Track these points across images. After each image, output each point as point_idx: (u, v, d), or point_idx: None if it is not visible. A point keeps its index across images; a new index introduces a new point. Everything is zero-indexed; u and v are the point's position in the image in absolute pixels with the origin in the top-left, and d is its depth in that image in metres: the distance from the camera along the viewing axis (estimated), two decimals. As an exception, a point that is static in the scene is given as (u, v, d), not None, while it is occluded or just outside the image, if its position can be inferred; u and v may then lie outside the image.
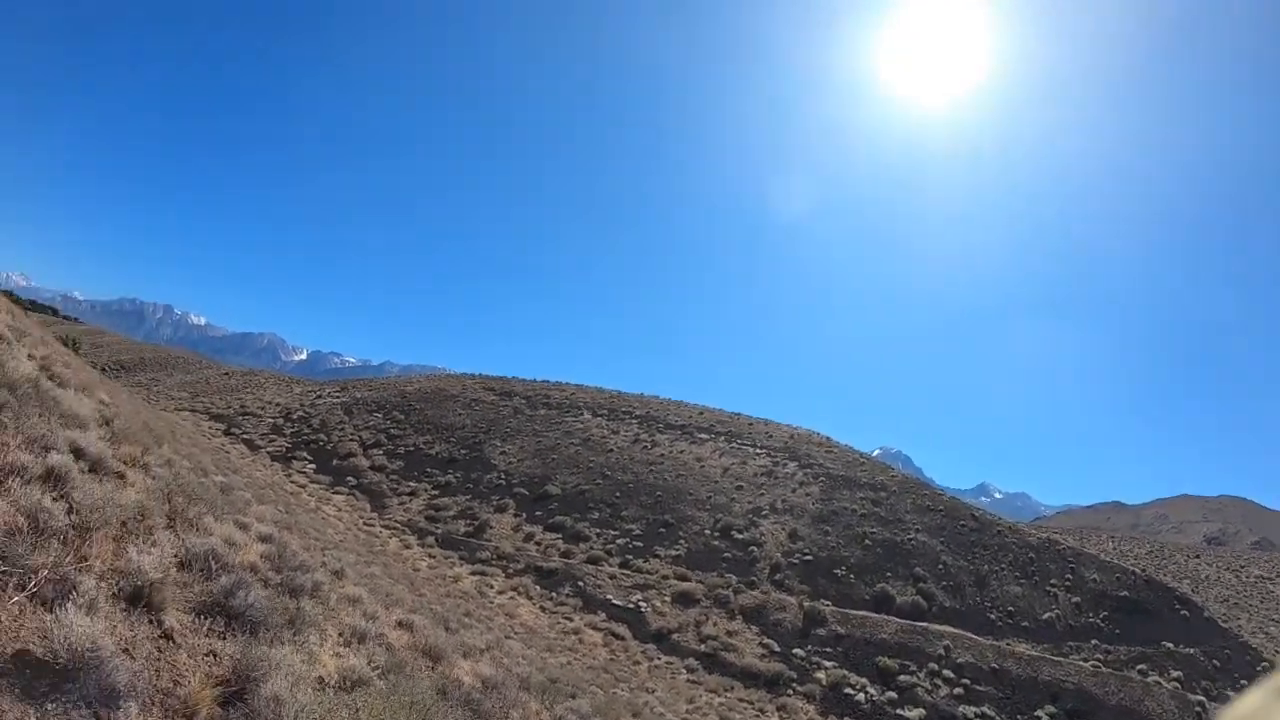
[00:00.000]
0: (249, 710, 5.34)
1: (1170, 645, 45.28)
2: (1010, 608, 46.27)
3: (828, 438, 71.44)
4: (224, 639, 6.37)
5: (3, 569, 4.78)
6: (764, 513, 51.35)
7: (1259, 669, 46.10)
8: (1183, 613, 50.09)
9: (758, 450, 63.13)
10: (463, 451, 58.12)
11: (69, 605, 4.75)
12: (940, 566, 48.33)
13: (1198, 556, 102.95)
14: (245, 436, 58.42)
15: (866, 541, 49.21)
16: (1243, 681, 43.59)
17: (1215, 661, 45.66)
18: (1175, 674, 42.73)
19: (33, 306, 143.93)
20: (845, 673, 36.08)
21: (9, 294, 62.28)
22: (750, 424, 71.75)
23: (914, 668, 37.15)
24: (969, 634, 41.23)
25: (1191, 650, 45.53)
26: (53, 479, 6.66)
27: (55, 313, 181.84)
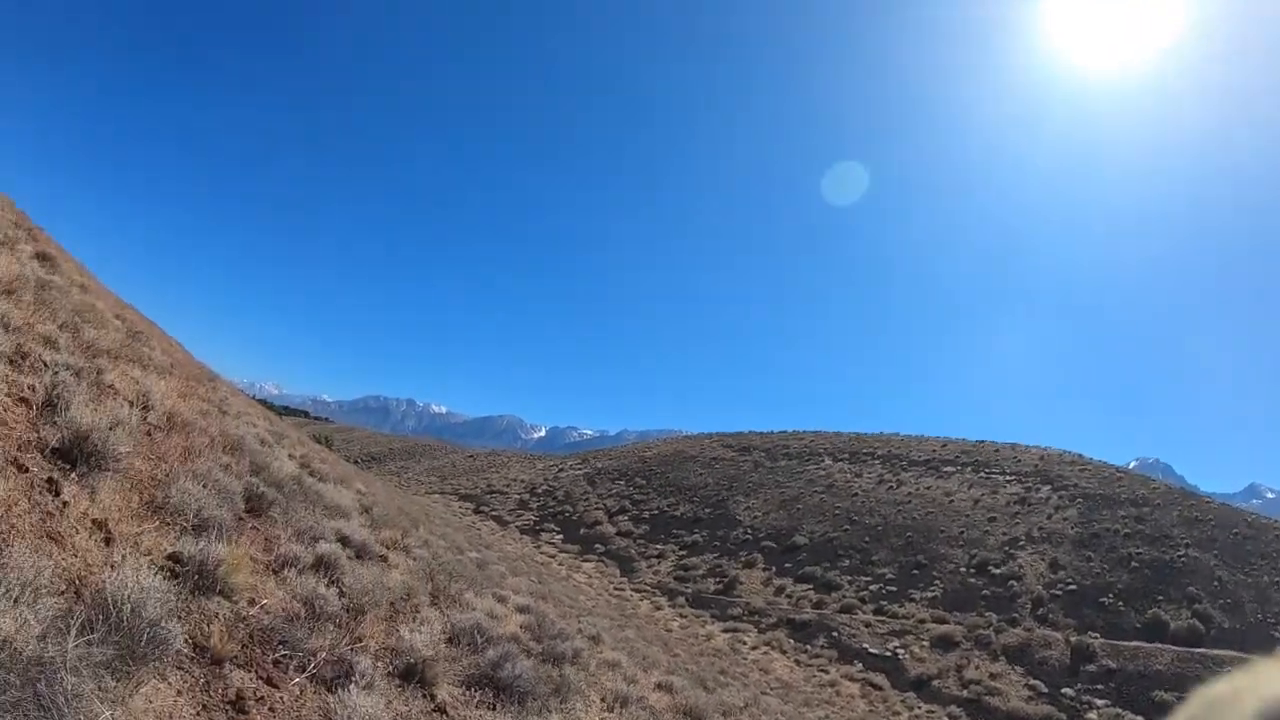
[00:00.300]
0: (524, 781, 5.32)
1: None
2: (1301, 622, 40.80)
3: (1080, 455, 66.88)
4: (494, 710, 6.45)
5: (284, 653, 4.99)
6: (1020, 543, 48.41)
7: None
8: None
9: (1007, 477, 59.87)
10: (707, 510, 58.35)
11: (350, 685, 4.89)
12: (1215, 584, 43.75)
13: None
14: (494, 513, 61.08)
15: (1133, 564, 45.36)
16: None
17: None
18: None
19: (286, 411, 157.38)
20: (1119, 710, 33.04)
21: (264, 402, 68.30)
22: (996, 450, 68.28)
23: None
24: (1253, 657, 36.52)
25: None
26: (323, 566, 7.02)
27: (307, 415, 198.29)
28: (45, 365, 6.91)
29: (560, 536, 55.78)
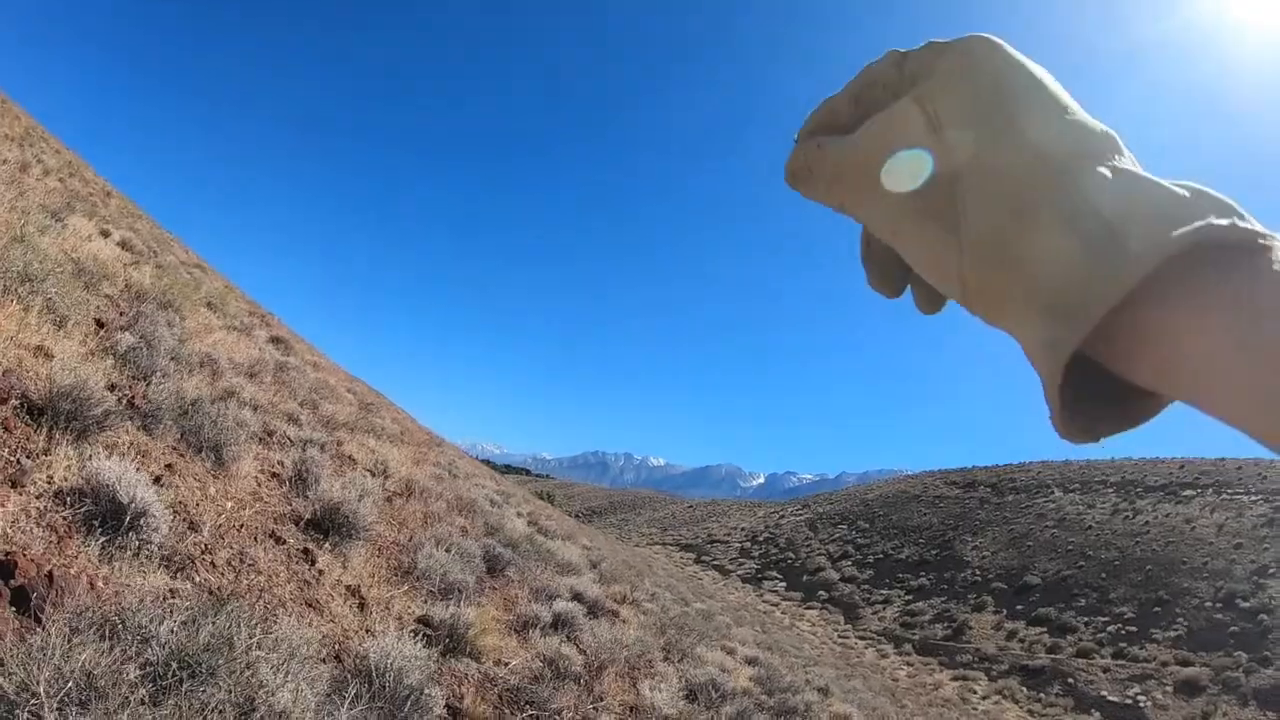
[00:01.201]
0: None
1: None
2: None
3: (1340, 459, 59.57)
4: (737, 769, 6.25)
5: (532, 713, 5.02)
6: (1271, 570, 43.75)
7: None
8: None
9: (1253, 497, 54.44)
10: (933, 552, 56.40)
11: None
12: None
13: None
14: (715, 562, 61.12)
15: (1407, 583, 39.85)
16: None
17: None
18: None
19: (508, 469, 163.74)
20: None
21: (488, 462, 71.32)
22: (1239, 467, 62.40)
23: None
24: None
25: None
26: (561, 624, 7.08)
27: (528, 472, 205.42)
28: (291, 441, 7.37)
29: (783, 584, 55.20)
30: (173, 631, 2.94)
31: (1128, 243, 0.55)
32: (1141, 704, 34.46)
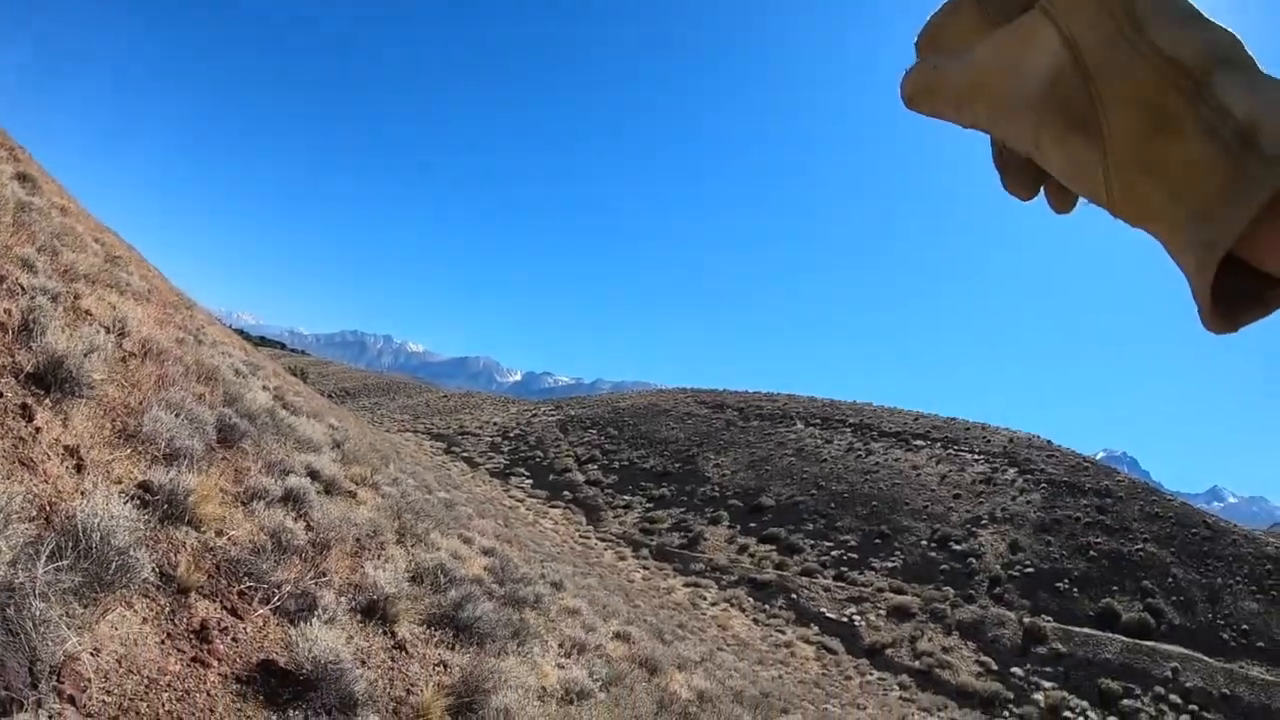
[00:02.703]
0: (477, 719, 5.47)
1: None
2: (1244, 626, 42.19)
3: (1049, 441, 67.71)
4: (453, 650, 6.58)
5: (250, 584, 5.08)
6: (983, 522, 49.25)
7: None
8: None
9: (975, 456, 60.64)
10: (676, 465, 58.78)
11: (313, 619, 4.99)
12: (1170, 580, 44.90)
13: None
14: (465, 454, 61.30)
15: (1091, 553, 46.31)
16: None
17: None
18: None
19: (262, 342, 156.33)
20: (1065, 695, 34.03)
21: (241, 331, 67.86)
22: (967, 429, 69.03)
23: (1138, 691, 34.57)
24: (1199, 655, 37.88)
25: None
26: (292, 500, 7.09)
27: (283, 347, 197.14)
28: (22, 289, 6.88)
29: (530, 482, 56.11)
30: None
31: (1262, 146, 0.58)
32: (856, 623, 37.80)
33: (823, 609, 38.66)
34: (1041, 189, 0.78)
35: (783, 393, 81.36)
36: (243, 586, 5.06)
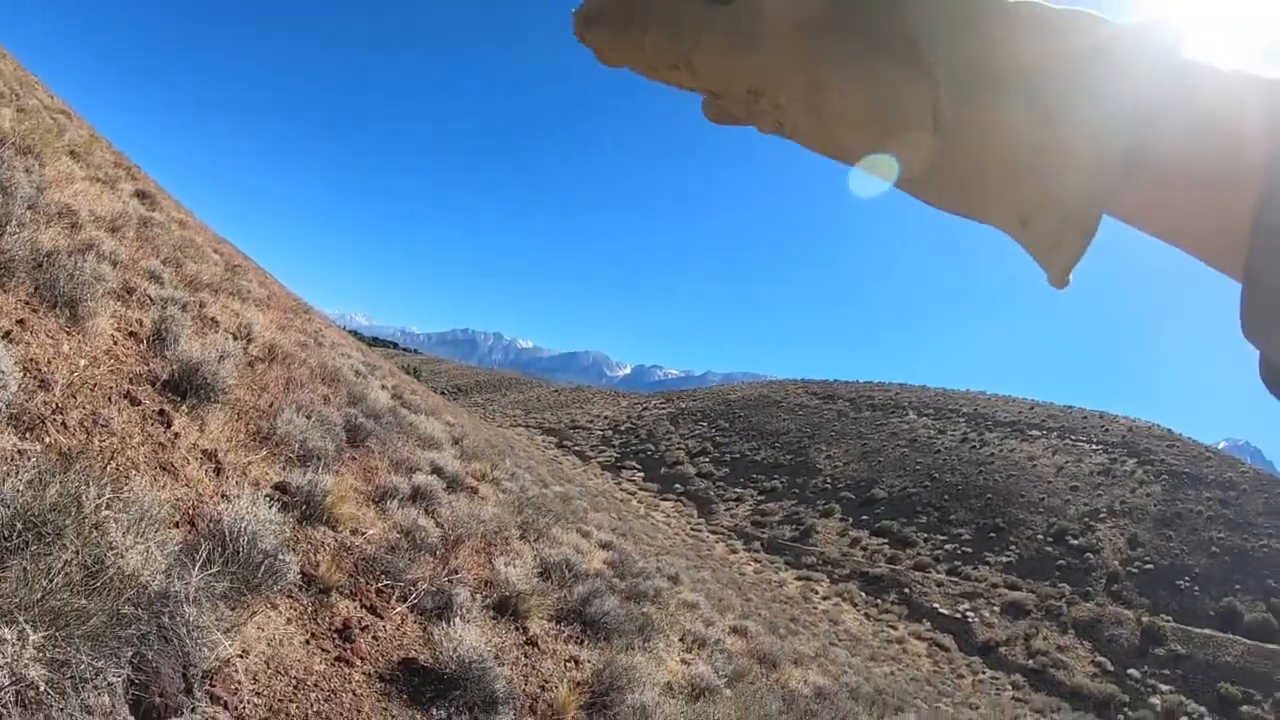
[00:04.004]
0: (612, 717, 5.41)
1: None
2: (1372, 630, 38.87)
3: (1169, 430, 64.80)
4: (582, 645, 6.56)
5: (387, 583, 5.12)
6: (1101, 515, 47.43)
7: None
8: None
9: (1093, 446, 58.49)
10: (788, 457, 58.30)
11: (452, 617, 5.00)
12: (1295, 579, 41.83)
13: None
14: (576, 448, 62.01)
15: (1213, 549, 44.09)
16: None
17: None
18: None
19: (375, 342, 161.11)
20: (1182, 699, 32.49)
21: (354, 333, 69.89)
22: (1084, 417, 66.60)
23: (1259, 697, 32.69)
24: None
25: None
26: (420, 497, 7.18)
27: (395, 346, 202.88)
28: (151, 300, 7.11)
29: (641, 474, 56.47)
30: (18, 490, 2.89)
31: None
32: (969, 619, 36.90)
33: (935, 604, 37.88)
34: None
35: (894, 382, 79.87)
36: (380, 585, 5.11)
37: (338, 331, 23.93)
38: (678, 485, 54.21)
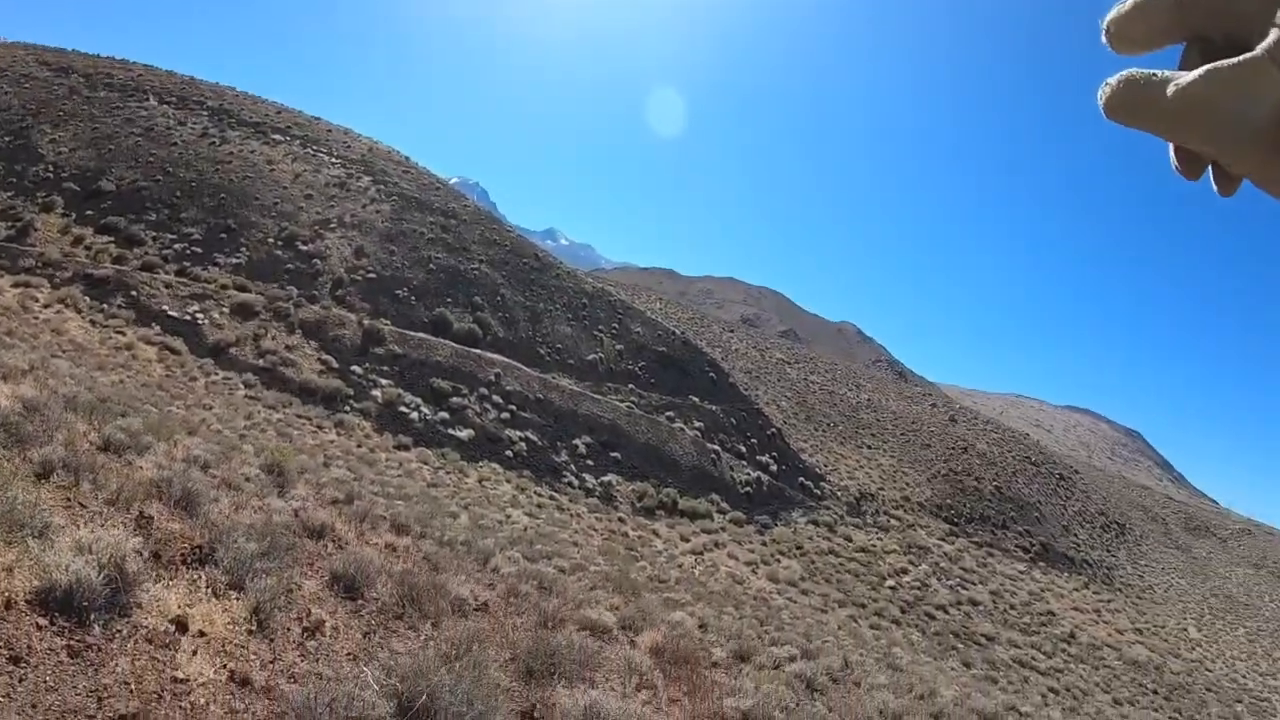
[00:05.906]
0: None
1: (696, 400, 50.28)
2: (559, 346, 48.65)
3: (407, 157, 69.32)
4: None
5: None
6: (332, 225, 49.19)
7: (768, 431, 53.49)
8: (710, 375, 55.58)
9: (333, 160, 59.56)
10: (6, 138, 48.62)
11: None
12: (499, 299, 49.52)
13: (732, 332, 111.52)
14: None
15: (431, 266, 49.19)
16: (752, 438, 50.49)
17: (733, 419, 51.43)
18: (698, 424, 47.80)
19: None
20: (400, 391, 36.77)
21: None
22: (329, 130, 67.39)
23: (465, 391, 38.57)
24: (519, 364, 43.35)
25: (714, 407, 50.98)
26: None
27: None
28: None
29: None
30: None
31: None
32: (199, 321, 36.04)
33: (165, 307, 36.28)
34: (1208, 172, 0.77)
35: (139, 62, 70.90)
36: None
37: None
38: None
